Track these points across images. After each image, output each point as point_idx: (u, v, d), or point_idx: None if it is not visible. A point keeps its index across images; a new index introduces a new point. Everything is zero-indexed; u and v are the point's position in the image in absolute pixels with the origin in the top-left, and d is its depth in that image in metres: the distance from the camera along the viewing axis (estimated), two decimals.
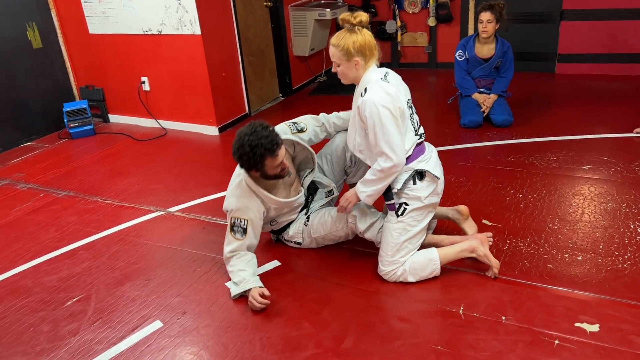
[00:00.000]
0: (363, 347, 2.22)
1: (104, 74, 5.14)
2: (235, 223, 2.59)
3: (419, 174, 2.49)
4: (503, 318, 2.31)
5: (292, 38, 5.59)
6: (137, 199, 3.66)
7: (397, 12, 5.97)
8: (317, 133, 2.85)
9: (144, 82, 4.92)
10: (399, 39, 6.08)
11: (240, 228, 2.58)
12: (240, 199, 2.58)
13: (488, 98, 4.39)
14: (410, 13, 5.96)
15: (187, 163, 4.20)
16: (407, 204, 2.50)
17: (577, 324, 2.24)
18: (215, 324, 2.42)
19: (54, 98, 5.12)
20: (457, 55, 4.41)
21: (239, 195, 2.58)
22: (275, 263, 2.82)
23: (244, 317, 2.45)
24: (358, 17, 2.41)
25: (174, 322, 2.46)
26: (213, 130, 4.78)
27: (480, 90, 4.45)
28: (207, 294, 2.63)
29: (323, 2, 5.71)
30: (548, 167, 3.59)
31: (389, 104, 2.35)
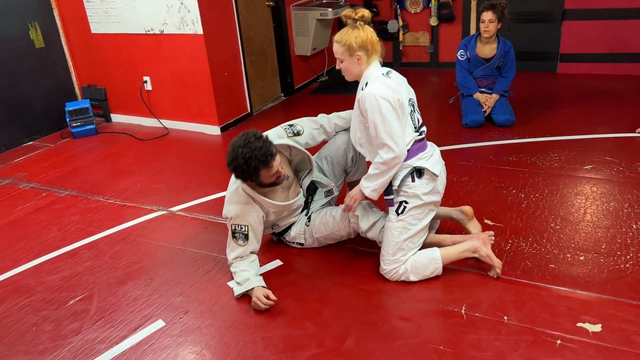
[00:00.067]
0: (365, 346, 2.22)
1: (106, 74, 5.15)
2: (236, 230, 2.59)
3: (418, 172, 2.49)
4: (505, 318, 2.31)
5: (294, 37, 5.59)
6: (139, 199, 3.67)
7: (398, 11, 5.97)
8: (314, 136, 2.83)
9: (146, 81, 4.93)
10: (401, 39, 6.08)
11: (242, 234, 2.58)
12: (239, 206, 2.57)
13: (490, 98, 4.38)
14: (412, 13, 5.96)
15: (189, 162, 4.21)
16: (406, 202, 2.50)
17: (579, 324, 2.24)
18: (218, 324, 2.42)
19: (56, 97, 5.13)
20: (458, 55, 4.41)
21: (237, 202, 2.58)
22: (277, 262, 2.82)
23: (246, 316, 2.46)
24: (360, 12, 2.45)
25: (176, 321, 2.46)
26: (215, 130, 4.79)
27: (482, 90, 4.45)
28: (209, 293, 2.63)
29: (325, 1, 5.71)
30: (550, 166, 3.59)
31: (389, 96, 2.38)
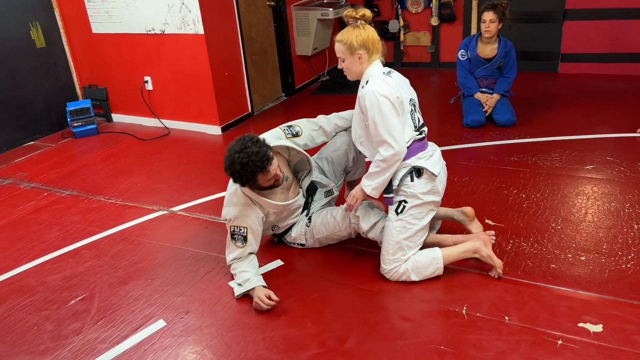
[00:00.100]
0: (366, 346, 2.22)
1: (107, 74, 5.15)
2: (235, 231, 2.59)
3: (417, 171, 2.50)
4: (506, 318, 2.30)
5: (294, 37, 5.58)
6: (140, 198, 3.67)
7: (399, 11, 5.97)
8: (313, 137, 2.83)
9: (147, 81, 4.93)
10: (402, 39, 6.08)
11: (241, 236, 2.58)
12: (238, 207, 2.57)
13: (490, 98, 4.38)
14: (413, 12, 5.96)
15: (190, 162, 4.21)
16: (405, 202, 2.51)
17: (580, 324, 2.24)
18: (219, 323, 2.42)
19: (57, 97, 5.13)
20: (459, 55, 4.40)
21: (236, 204, 2.58)
22: (278, 262, 2.82)
23: (247, 316, 2.46)
24: (361, 11, 2.47)
25: (177, 321, 2.46)
26: (216, 130, 4.79)
27: (483, 90, 4.44)
28: (210, 293, 2.63)
29: (326, 1, 5.71)
30: (551, 166, 3.59)
31: (388, 94, 2.39)
